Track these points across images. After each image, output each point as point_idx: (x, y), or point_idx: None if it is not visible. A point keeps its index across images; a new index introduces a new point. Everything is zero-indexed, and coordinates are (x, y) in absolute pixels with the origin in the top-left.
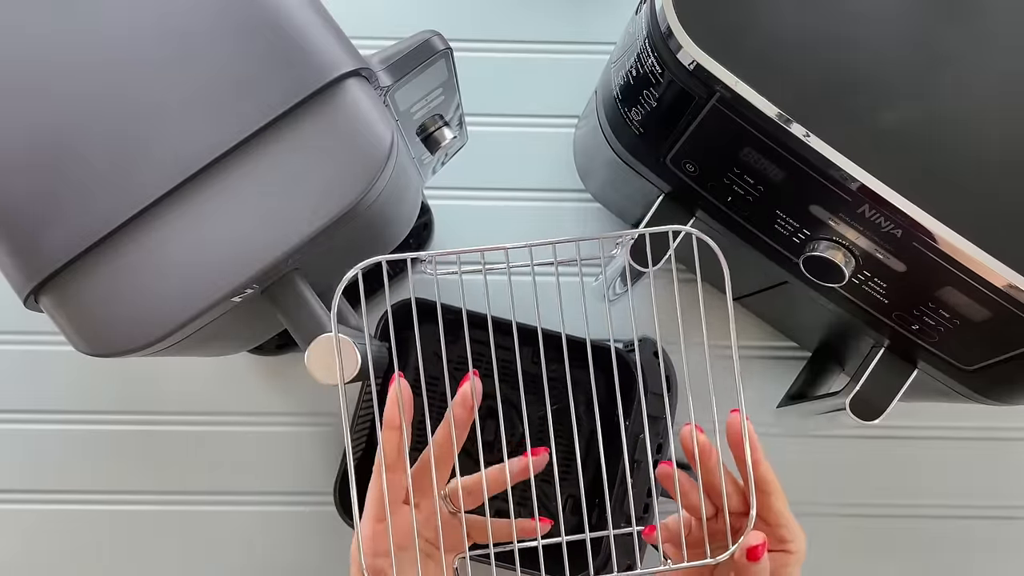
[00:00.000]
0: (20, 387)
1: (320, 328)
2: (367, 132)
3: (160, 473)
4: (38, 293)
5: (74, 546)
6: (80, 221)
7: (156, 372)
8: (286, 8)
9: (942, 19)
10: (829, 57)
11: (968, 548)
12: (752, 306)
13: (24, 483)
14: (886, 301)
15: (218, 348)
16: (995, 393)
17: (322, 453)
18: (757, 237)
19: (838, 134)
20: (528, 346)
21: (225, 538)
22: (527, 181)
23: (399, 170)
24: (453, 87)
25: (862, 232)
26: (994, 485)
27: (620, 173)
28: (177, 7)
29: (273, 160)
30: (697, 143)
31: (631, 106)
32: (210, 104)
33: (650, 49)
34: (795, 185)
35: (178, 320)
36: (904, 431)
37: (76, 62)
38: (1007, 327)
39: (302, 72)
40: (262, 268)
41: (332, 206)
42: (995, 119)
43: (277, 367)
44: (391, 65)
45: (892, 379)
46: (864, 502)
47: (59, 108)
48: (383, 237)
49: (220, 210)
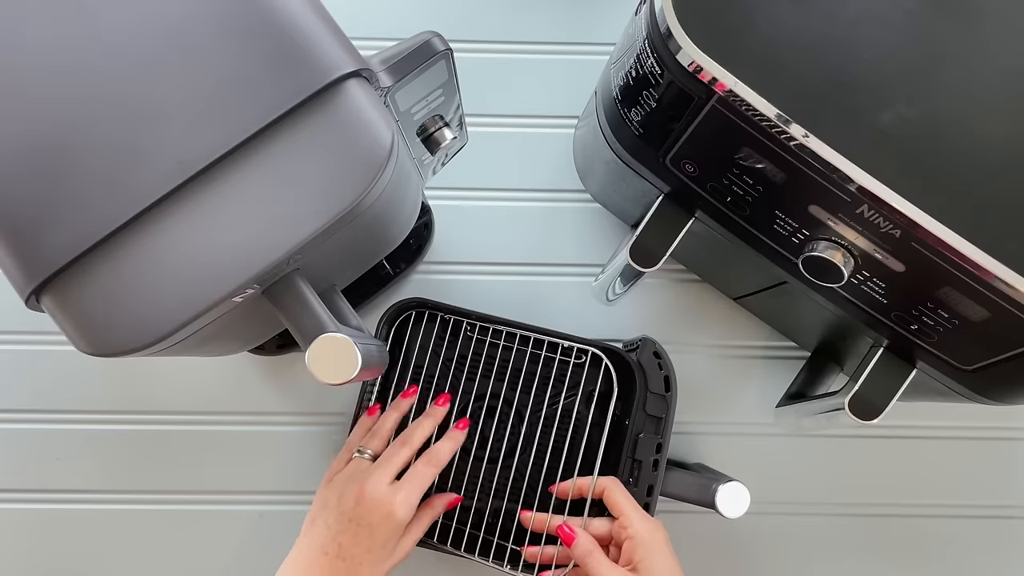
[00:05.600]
0: (20, 387)
1: (320, 328)
2: (367, 133)
3: (160, 473)
4: (40, 293)
5: (74, 546)
6: (82, 221)
7: (157, 372)
8: (286, 9)
9: (942, 19)
10: (828, 57)
11: (968, 548)
12: (752, 306)
13: (24, 483)
14: (885, 301)
15: (218, 348)
16: (994, 393)
17: (322, 453)
18: (756, 237)
19: (837, 134)
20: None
21: (225, 538)
22: (527, 181)
23: (399, 171)
24: (453, 88)
25: (861, 232)
26: (994, 485)
27: (620, 173)
28: (177, 8)
29: (273, 161)
30: (697, 143)
31: (631, 107)
32: (210, 105)
33: (650, 50)
34: (794, 185)
35: (179, 320)
36: (903, 431)
37: (76, 63)
38: (1006, 327)
39: (302, 73)
40: (263, 268)
41: (333, 207)
42: (995, 119)
43: (277, 367)
44: (391, 66)
45: (891, 379)
46: (863, 502)
47: (61, 109)
48: (384, 237)
49: (221, 211)
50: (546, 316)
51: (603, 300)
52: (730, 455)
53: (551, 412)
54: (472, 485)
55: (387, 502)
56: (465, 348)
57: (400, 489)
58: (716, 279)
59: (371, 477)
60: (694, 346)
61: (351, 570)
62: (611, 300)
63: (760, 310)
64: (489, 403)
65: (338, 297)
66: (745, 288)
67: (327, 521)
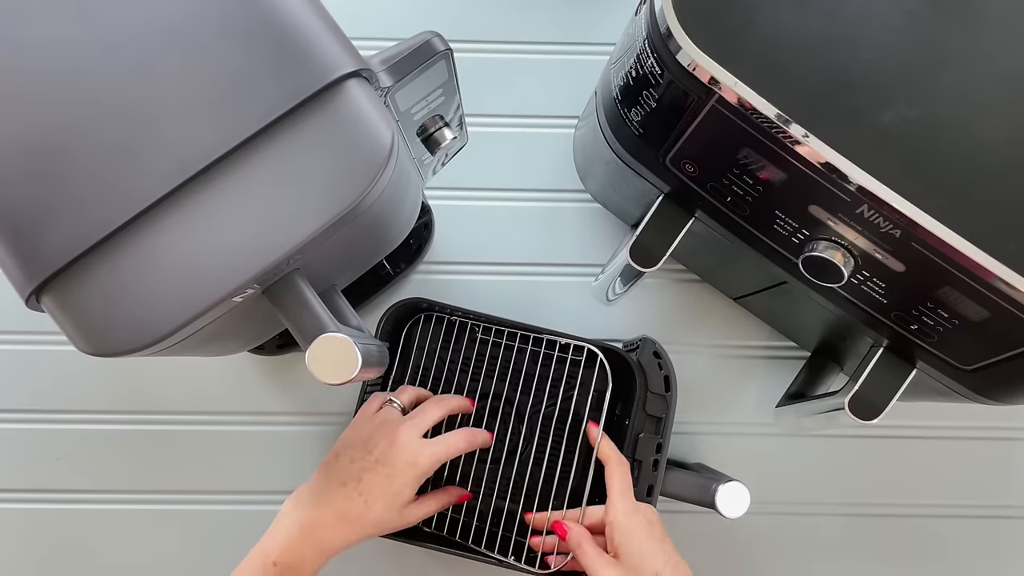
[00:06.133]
0: (20, 387)
1: (321, 328)
2: (368, 133)
3: (160, 473)
4: (40, 293)
5: (74, 546)
6: (82, 221)
7: (156, 372)
8: (287, 9)
9: (942, 20)
10: (829, 57)
11: (967, 548)
12: (752, 306)
13: (23, 483)
14: (885, 301)
15: (219, 348)
16: (994, 393)
17: (322, 453)
18: (756, 237)
19: (837, 134)
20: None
21: (225, 538)
22: (527, 181)
23: (400, 171)
24: (453, 88)
25: (861, 232)
26: (993, 485)
27: (620, 173)
28: (177, 8)
29: (274, 161)
30: (697, 143)
31: (631, 107)
32: (210, 105)
33: (650, 50)
34: (794, 185)
35: (180, 320)
36: (903, 431)
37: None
38: (1006, 327)
39: (302, 73)
40: (263, 268)
41: (333, 207)
42: (995, 119)
43: (278, 367)
44: (391, 66)
45: (891, 379)
46: (863, 502)
47: (61, 111)
48: (384, 237)
49: (221, 211)
50: (546, 316)
51: (603, 300)
52: (730, 455)
53: (551, 412)
54: (475, 487)
55: (416, 451)
56: (466, 349)
57: (430, 444)
58: (716, 279)
59: (404, 425)
60: (694, 346)
61: (367, 507)
62: (611, 300)
63: (760, 310)
64: (490, 403)
65: (338, 297)
66: (745, 288)
67: (352, 456)
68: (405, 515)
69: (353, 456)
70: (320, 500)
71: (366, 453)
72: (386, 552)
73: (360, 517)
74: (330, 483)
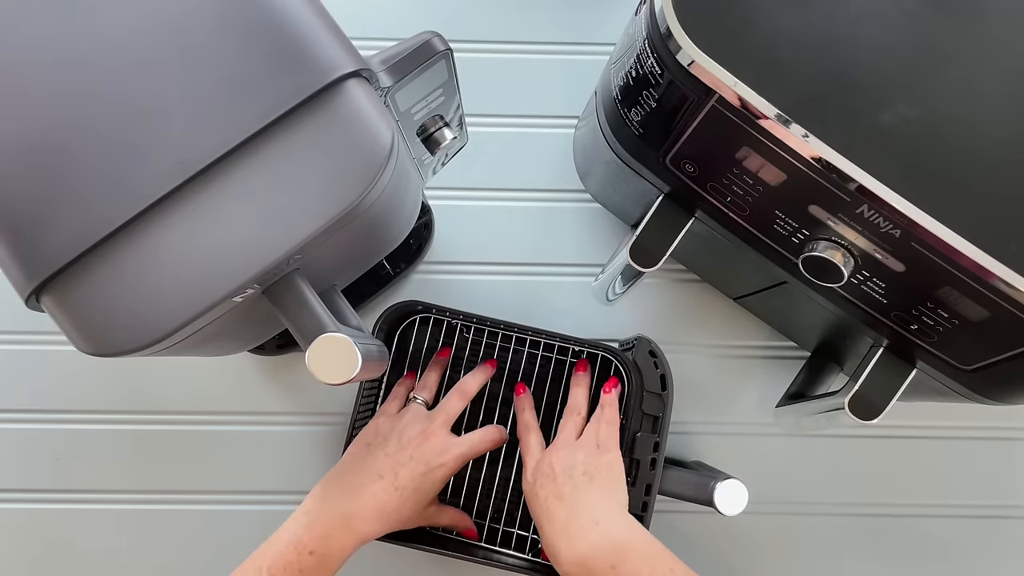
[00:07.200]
0: (19, 387)
1: (320, 328)
2: (367, 133)
3: (160, 473)
4: (40, 293)
5: (74, 546)
6: (82, 221)
7: (156, 372)
8: (287, 9)
9: (942, 19)
10: (828, 57)
11: (967, 548)
12: (752, 306)
13: (23, 483)
14: (885, 301)
15: (219, 348)
16: (994, 393)
17: (322, 453)
18: (756, 237)
19: (837, 134)
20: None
21: (225, 538)
22: (527, 181)
23: (399, 171)
24: (453, 88)
25: (861, 232)
26: (994, 485)
27: (620, 173)
28: (177, 6)
29: (273, 161)
30: (697, 144)
31: (631, 107)
32: (211, 105)
33: (650, 50)
34: (794, 185)
35: (179, 320)
36: (903, 431)
37: (76, 61)
38: (1006, 327)
39: (302, 73)
40: (263, 268)
41: (333, 207)
42: (995, 119)
43: (278, 367)
44: (391, 66)
45: (891, 379)
46: (862, 501)
47: (61, 107)
48: (384, 237)
49: (221, 210)
50: (546, 316)
51: (603, 300)
52: (730, 455)
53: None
54: (476, 487)
55: (446, 451)
56: (463, 350)
57: (457, 444)
58: (716, 279)
59: (434, 423)
60: (694, 346)
61: (401, 502)
62: (611, 300)
63: (760, 310)
64: (486, 404)
65: (338, 297)
66: (745, 288)
67: (386, 450)
68: (426, 514)
69: (387, 449)
70: (359, 492)
71: (400, 448)
72: (383, 553)
73: (395, 511)
74: (366, 475)
